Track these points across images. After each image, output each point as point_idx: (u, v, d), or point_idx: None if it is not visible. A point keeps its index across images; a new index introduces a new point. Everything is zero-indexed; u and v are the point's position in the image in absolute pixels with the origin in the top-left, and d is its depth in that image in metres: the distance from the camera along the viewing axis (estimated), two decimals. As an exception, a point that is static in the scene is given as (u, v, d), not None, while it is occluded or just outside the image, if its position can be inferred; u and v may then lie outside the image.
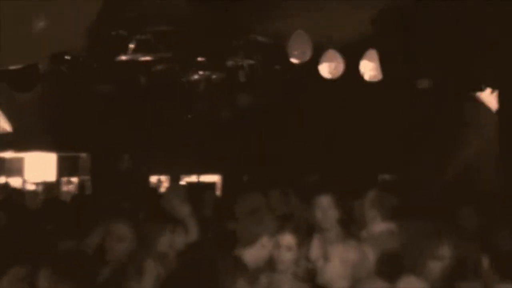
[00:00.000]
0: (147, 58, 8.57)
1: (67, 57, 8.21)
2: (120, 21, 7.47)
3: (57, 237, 4.03)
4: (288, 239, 3.39)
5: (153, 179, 12.80)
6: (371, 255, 3.42)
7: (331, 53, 7.65)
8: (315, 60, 7.68)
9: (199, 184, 12.62)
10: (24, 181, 11.79)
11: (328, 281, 3.32)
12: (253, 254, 3.28)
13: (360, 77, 7.71)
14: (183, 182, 12.63)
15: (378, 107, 9.70)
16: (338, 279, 3.32)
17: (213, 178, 13.10)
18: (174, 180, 12.51)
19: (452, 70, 7.47)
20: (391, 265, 3.00)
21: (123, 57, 8.33)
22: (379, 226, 3.93)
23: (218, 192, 11.96)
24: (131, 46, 8.08)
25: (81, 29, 3.46)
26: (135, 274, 3.35)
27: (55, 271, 2.60)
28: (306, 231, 3.75)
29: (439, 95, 8.43)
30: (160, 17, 7.47)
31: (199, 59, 8.90)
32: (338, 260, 3.41)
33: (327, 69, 7.65)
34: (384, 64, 7.41)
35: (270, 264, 3.36)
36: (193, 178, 13.06)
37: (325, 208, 3.67)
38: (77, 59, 8.24)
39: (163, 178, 12.89)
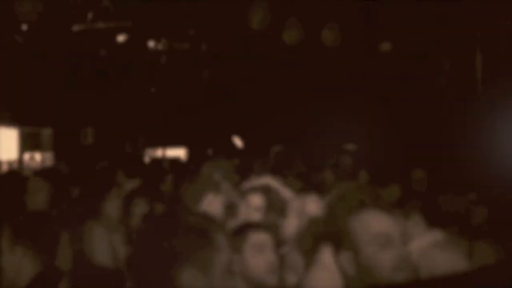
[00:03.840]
0: (107, 26, 8.38)
1: (23, 27, 7.99)
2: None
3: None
4: (256, 200, 3.41)
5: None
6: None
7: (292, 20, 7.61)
8: (276, 28, 7.64)
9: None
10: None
11: (287, 235, 3.31)
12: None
13: (321, 43, 7.70)
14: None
15: (340, 74, 9.70)
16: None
17: (178, 151, 12.99)
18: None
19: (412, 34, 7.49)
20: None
21: (82, 26, 8.14)
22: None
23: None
24: (89, 14, 7.90)
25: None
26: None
27: (15, 233, 2.55)
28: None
29: (401, 58, 8.43)
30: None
31: (161, 28, 8.75)
32: (294, 213, 3.40)
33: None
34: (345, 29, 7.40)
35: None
36: (157, 152, 12.93)
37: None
38: (34, 28, 8.00)
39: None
